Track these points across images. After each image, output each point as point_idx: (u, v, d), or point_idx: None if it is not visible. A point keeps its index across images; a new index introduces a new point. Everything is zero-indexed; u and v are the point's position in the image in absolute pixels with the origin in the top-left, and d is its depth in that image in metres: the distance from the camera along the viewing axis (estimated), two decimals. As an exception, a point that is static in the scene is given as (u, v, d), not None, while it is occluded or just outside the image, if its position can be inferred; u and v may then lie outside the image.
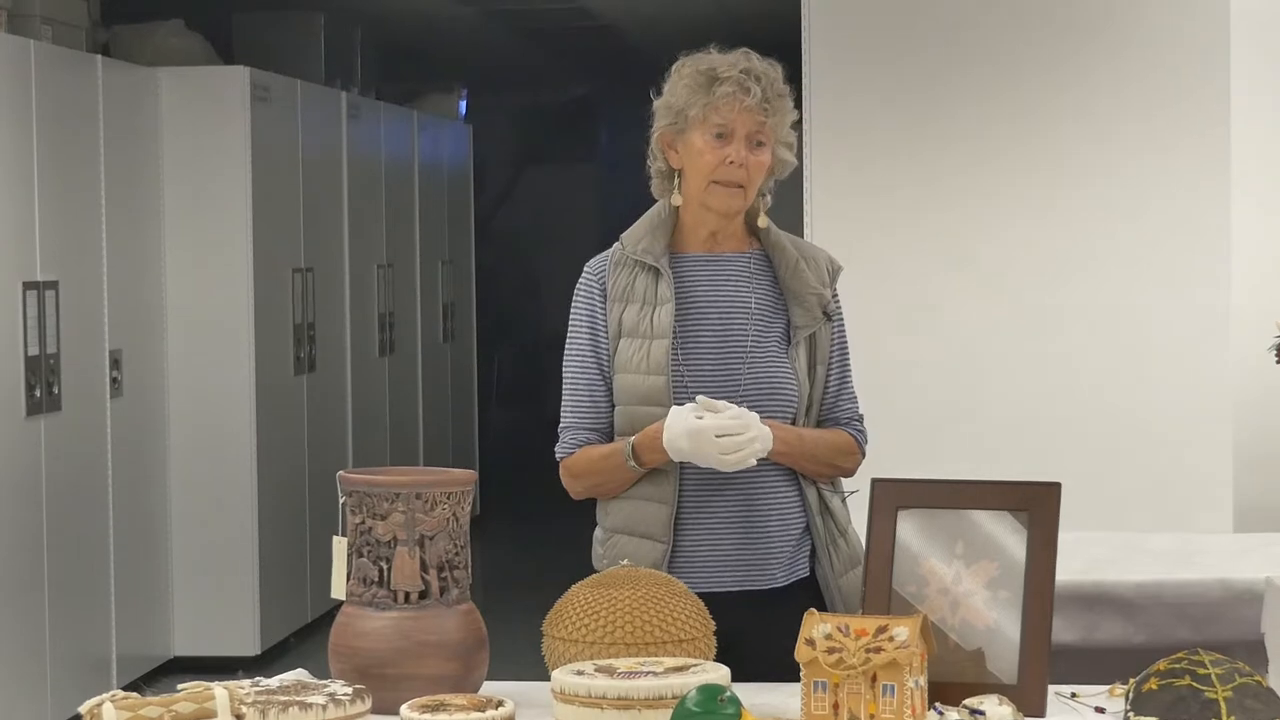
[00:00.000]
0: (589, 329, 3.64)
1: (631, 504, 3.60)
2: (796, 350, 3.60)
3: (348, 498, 3.08)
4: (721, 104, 3.52)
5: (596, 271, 3.67)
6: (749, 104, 3.52)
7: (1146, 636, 4.78)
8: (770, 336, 3.61)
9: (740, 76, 3.52)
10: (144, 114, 7.79)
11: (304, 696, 2.83)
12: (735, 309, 3.61)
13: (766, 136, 3.56)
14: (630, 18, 11.23)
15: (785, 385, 3.57)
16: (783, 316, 3.63)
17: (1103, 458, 6.03)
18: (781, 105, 3.57)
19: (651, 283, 3.60)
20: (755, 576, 3.56)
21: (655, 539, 3.56)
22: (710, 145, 3.55)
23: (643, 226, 3.66)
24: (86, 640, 7.19)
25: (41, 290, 6.77)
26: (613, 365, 3.59)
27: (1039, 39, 6.11)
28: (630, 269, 3.63)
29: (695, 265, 3.64)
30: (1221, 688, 2.70)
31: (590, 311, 3.65)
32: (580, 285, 3.67)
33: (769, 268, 3.65)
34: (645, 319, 3.58)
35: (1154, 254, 6.07)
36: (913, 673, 2.78)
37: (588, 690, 2.83)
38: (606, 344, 3.62)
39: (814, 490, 3.62)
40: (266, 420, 8.13)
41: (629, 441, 3.54)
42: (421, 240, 10.83)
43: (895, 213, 6.16)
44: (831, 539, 3.63)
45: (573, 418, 3.64)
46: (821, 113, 6.16)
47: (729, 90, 3.52)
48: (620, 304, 3.62)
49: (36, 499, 6.76)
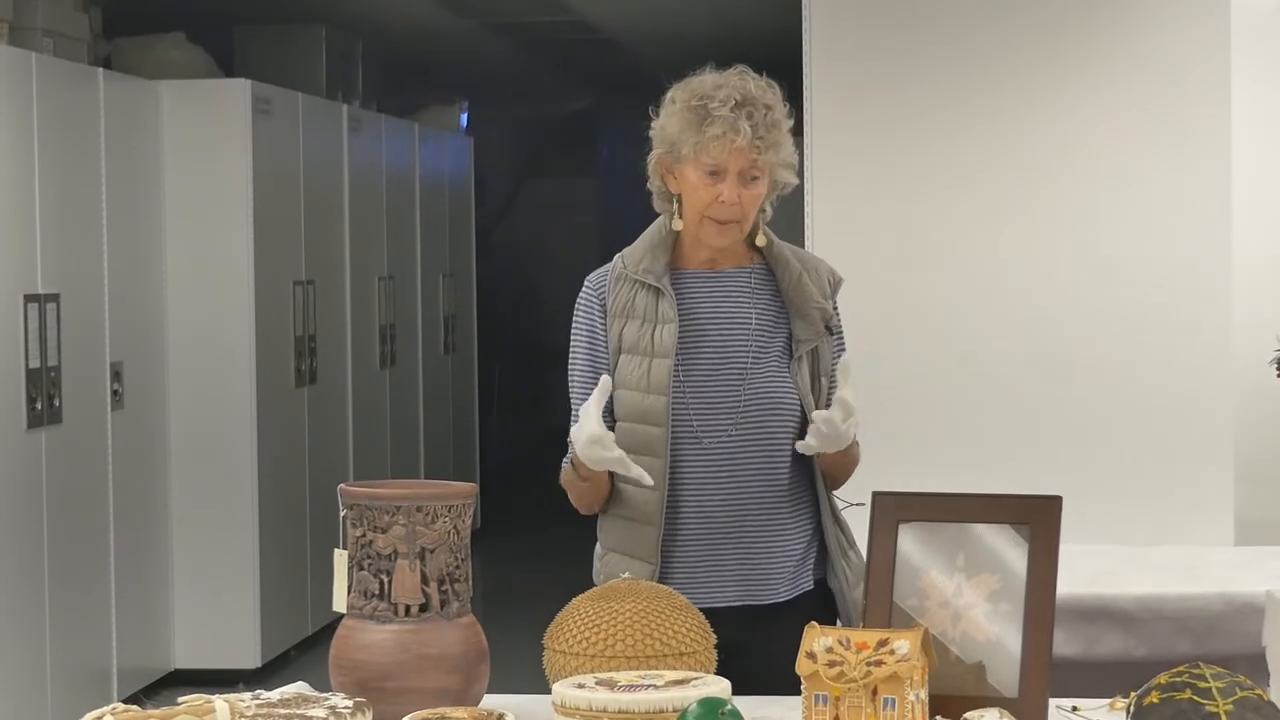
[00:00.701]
0: (588, 345, 3.64)
1: (622, 523, 3.61)
2: (799, 364, 3.60)
3: (348, 510, 3.08)
4: (712, 145, 3.50)
5: (596, 286, 3.66)
6: (740, 144, 3.49)
7: (1147, 650, 4.79)
8: (771, 351, 3.60)
9: (730, 116, 3.48)
10: (145, 127, 7.79)
11: (304, 709, 2.83)
12: (736, 325, 3.61)
13: (760, 171, 3.53)
14: (631, 31, 11.23)
15: (785, 400, 3.57)
16: (784, 330, 3.62)
17: (1104, 471, 6.03)
18: (776, 137, 3.53)
19: (653, 300, 3.60)
20: (756, 592, 3.56)
21: (644, 559, 3.56)
22: (703, 182, 3.53)
23: (643, 245, 3.65)
24: (87, 652, 7.19)
25: (43, 303, 6.77)
26: (612, 381, 3.58)
27: (1040, 44, 6.10)
28: (631, 285, 3.62)
29: (696, 282, 3.64)
30: (1222, 701, 2.70)
31: (590, 327, 3.64)
32: (580, 300, 3.67)
33: (771, 281, 3.65)
34: (646, 336, 3.58)
35: (1155, 265, 6.06)
36: (913, 686, 2.78)
37: (588, 703, 2.83)
38: (606, 360, 3.62)
39: (825, 499, 3.62)
40: (267, 432, 8.13)
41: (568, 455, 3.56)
42: (422, 253, 10.84)
43: (896, 220, 6.15)
44: (843, 549, 3.64)
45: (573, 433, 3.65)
46: (822, 121, 6.16)
47: (719, 132, 3.49)
48: (620, 320, 3.61)
49: (37, 511, 6.76)
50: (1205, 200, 6.03)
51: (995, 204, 6.14)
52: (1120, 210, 6.08)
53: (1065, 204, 6.10)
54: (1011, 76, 6.13)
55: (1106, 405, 6.08)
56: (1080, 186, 6.10)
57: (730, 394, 3.55)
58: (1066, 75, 6.10)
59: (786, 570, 3.59)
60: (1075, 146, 6.10)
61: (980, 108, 6.14)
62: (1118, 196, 6.08)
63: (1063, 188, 6.11)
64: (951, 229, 6.14)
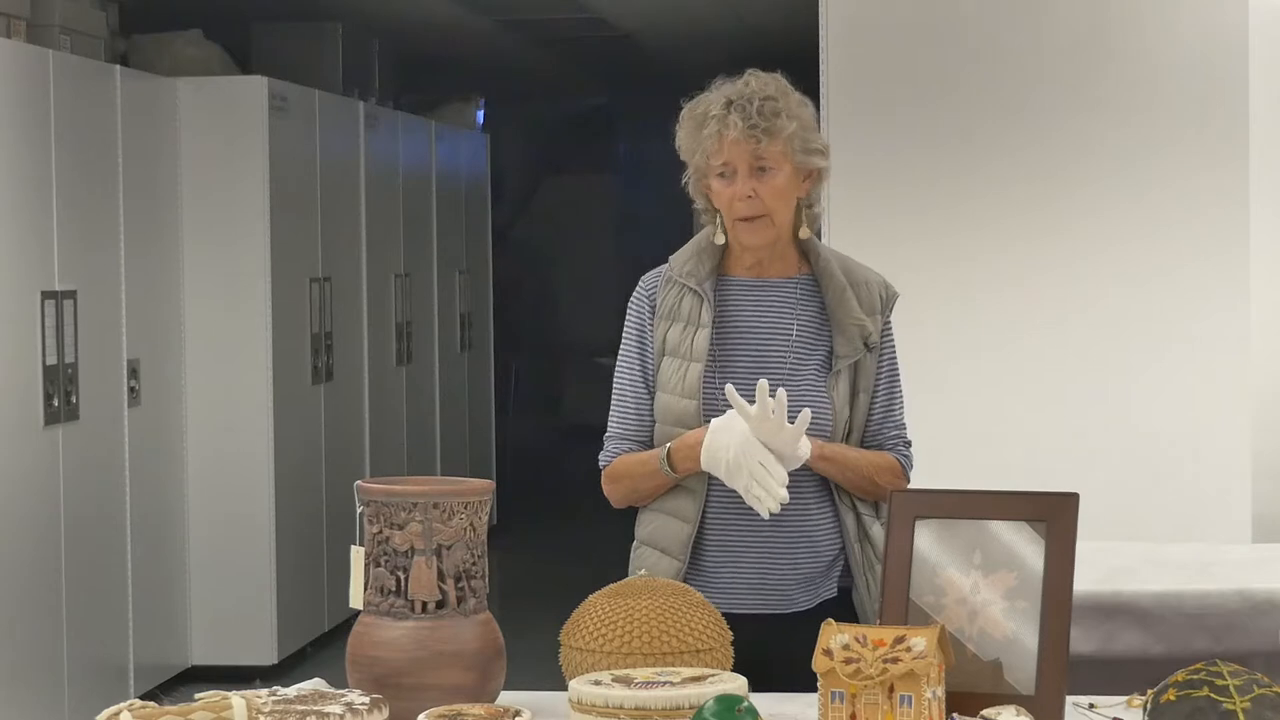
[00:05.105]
0: (637, 343, 3.67)
1: (660, 518, 3.62)
2: (837, 378, 3.59)
3: (365, 507, 3.08)
4: (710, 146, 3.53)
5: (649, 287, 3.69)
6: (733, 137, 3.51)
7: (1165, 647, 4.77)
8: (810, 364, 3.60)
9: (721, 114, 3.51)
10: (162, 124, 7.80)
11: (321, 706, 2.83)
12: (776, 335, 3.61)
13: (771, 160, 3.53)
14: (648, 28, 11.22)
15: (819, 412, 3.55)
16: (826, 343, 3.61)
17: (1121, 468, 6.02)
18: (777, 124, 3.52)
19: (696, 304, 3.62)
20: (774, 601, 3.55)
21: (673, 556, 3.57)
22: (722, 186, 3.56)
23: (690, 249, 3.67)
24: (104, 649, 7.20)
25: (60, 300, 6.78)
26: (656, 382, 3.62)
27: (1059, 53, 6.10)
28: (679, 289, 3.64)
29: (740, 289, 3.65)
30: (1240, 699, 2.69)
31: (640, 326, 3.67)
32: (633, 299, 3.70)
33: (817, 292, 3.64)
34: (686, 340, 3.60)
35: (1173, 266, 6.05)
36: (930, 683, 2.77)
37: (605, 700, 2.83)
38: (653, 359, 3.63)
39: (853, 516, 3.61)
40: (284, 429, 8.14)
41: (666, 446, 3.55)
42: (439, 250, 10.84)
43: (914, 227, 6.14)
44: (869, 564, 3.61)
45: (617, 428, 3.67)
46: (840, 123, 6.15)
47: (712, 131, 3.52)
48: (667, 322, 3.63)
49: (54, 508, 6.77)
50: (1225, 203, 6.02)
51: (1014, 217, 6.13)
52: (1137, 210, 6.07)
53: (1086, 207, 6.09)
54: (1030, 87, 6.11)
55: (1124, 403, 6.07)
56: (1100, 193, 6.09)
57: None
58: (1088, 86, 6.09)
59: (808, 581, 3.58)
60: (1095, 155, 6.09)
61: (1001, 119, 6.13)
62: (1134, 197, 6.07)
63: (1083, 193, 6.10)
64: (971, 230, 6.14)
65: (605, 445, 3.69)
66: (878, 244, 6.10)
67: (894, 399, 3.68)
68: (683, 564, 3.56)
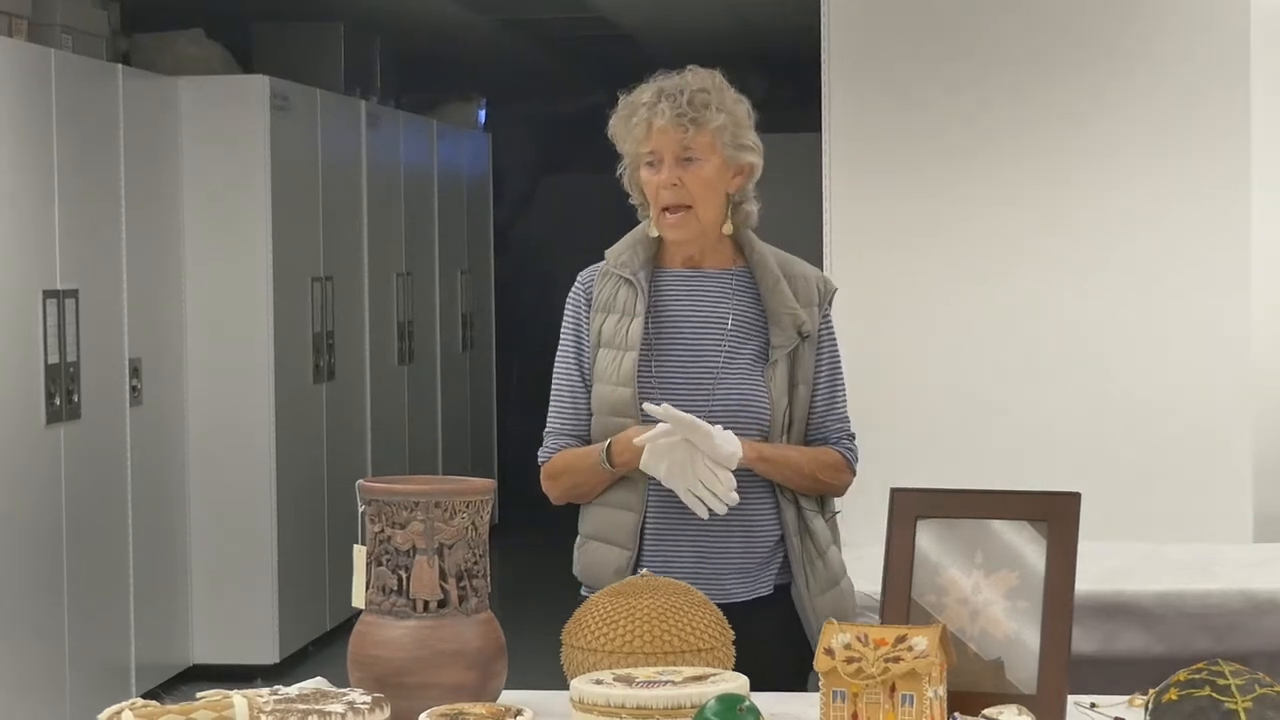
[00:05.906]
0: (574, 337, 3.71)
1: (605, 510, 3.65)
2: (774, 369, 3.61)
3: (367, 506, 3.09)
4: (639, 134, 3.56)
5: (585, 282, 3.73)
6: (661, 125, 3.54)
7: (1166, 647, 4.78)
8: (745, 354, 3.62)
9: (650, 102, 3.55)
10: (164, 123, 7.80)
11: (323, 705, 2.83)
12: (711, 325, 3.63)
13: (698, 151, 3.56)
14: (650, 27, 11.22)
15: (755, 402, 3.59)
16: (762, 334, 3.64)
17: (1122, 468, 6.02)
18: (706, 115, 3.55)
19: (631, 295, 3.65)
20: (710, 592, 3.54)
21: (622, 546, 3.60)
22: (649, 175, 3.60)
23: (625, 242, 3.71)
24: (105, 648, 7.20)
25: (61, 299, 6.78)
26: (593, 374, 3.64)
27: (1057, 46, 6.11)
28: (615, 281, 3.68)
29: (675, 281, 3.68)
30: (1241, 698, 2.69)
31: (576, 320, 3.71)
32: (570, 295, 3.74)
33: (753, 284, 3.67)
34: (621, 331, 3.63)
35: (1174, 262, 6.06)
36: (931, 683, 2.77)
37: (606, 699, 2.83)
38: (590, 353, 3.66)
39: (794, 510, 3.63)
40: (286, 429, 8.14)
41: (605, 442, 3.57)
42: (441, 249, 10.84)
43: (914, 221, 6.15)
44: (809, 559, 3.63)
45: (555, 423, 3.71)
46: (841, 122, 6.16)
47: (641, 119, 3.56)
48: (603, 314, 3.67)
49: (56, 507, 6.77)
50: (1225, 199, 6.02)
51: (1016, 209, 6.13)
52: (1140, 211, 6.07)
53: (1084, 204, 6.09)
54: (1029, 81, 6.12)
55: (1126, 402, 6.07)
56: (1098, 188, 6.09)
57: (700, 392, 3.58)
58: (1085, 78, 6.09)
59: (743, 571, 3.60)
60: (1094, 150, 6.09)
61: (999, 113, 6.14)
62: (1137, 198, 6.07)
63: (1082, 189, 6.10)
64: (973, 235, 6.14)
65: (544, 441, 3.71)
66: (880, 238, 6.11)
67: (836, 392, 3.69)
68: (632, 553, 3.59)
